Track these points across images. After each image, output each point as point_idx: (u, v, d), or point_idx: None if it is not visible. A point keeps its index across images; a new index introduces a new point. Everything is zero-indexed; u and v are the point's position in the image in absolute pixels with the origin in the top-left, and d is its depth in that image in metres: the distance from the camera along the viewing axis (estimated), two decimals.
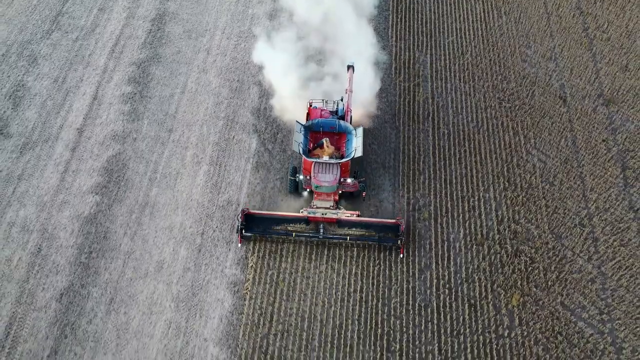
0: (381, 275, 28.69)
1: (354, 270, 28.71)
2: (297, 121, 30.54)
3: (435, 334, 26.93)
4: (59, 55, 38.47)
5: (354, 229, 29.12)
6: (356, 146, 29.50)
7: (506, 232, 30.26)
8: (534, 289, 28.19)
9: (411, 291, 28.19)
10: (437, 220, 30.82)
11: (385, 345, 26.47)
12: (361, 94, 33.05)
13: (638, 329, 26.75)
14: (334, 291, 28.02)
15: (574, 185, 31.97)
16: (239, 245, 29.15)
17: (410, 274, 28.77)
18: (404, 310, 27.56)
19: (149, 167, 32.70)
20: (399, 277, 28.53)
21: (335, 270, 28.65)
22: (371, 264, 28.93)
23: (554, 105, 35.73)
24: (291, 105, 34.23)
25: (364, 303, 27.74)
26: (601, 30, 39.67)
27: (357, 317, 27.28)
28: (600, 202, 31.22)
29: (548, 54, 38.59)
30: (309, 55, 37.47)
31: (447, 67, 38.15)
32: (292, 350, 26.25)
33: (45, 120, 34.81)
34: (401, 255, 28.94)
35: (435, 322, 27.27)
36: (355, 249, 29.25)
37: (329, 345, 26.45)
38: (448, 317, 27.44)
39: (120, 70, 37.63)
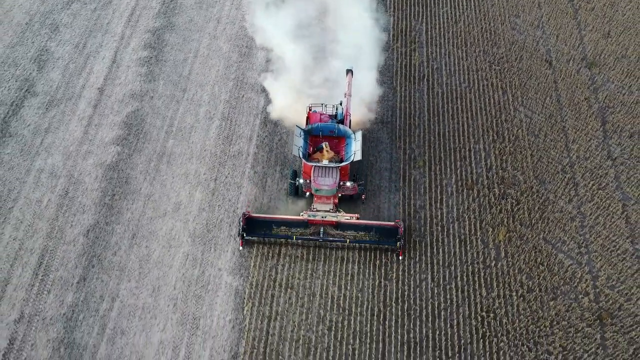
0: (380, 216, 31.40)
1: None
2: (297, 125, 31.19)
3: (429, 265, 29.63)
4: (79, 23, 41.23)
5: (353, 232, 29.80)
6: (355, 150, 29.86)
7: (494, 178, 32.98)
8: (519, 226, 30.89)
9: (407, 229, 30.86)
10: (431, 168, 33.52)
11: (383, 274, 29.17)
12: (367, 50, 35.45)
13: (613, 259, 29.46)
14: None
15: (557, 138, 34.70)
16: (241, 247, 29.74)
17: (406, 213, 31.48)
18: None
19: (165, 122, 35.43)
20: (396, 216, 31.21)
21: None
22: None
23: (540, 68, 38.47)
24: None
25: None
26: (586, 1, 42.39)
27: (357, 250, 29.97)
28: (581, 152, 33.93)
29: (536, 23, 41.35)
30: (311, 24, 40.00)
31: (442, 34, 40.90)
32: (299, 278, 28.94)
33: (68, 81, 37.56)
34: (400, 258, 29.59)
35: (428, 254, 29.98)
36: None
37: (332, 274, 29.13)
38: (440, 250, 30.14)
39: (136, 37, 40.39)
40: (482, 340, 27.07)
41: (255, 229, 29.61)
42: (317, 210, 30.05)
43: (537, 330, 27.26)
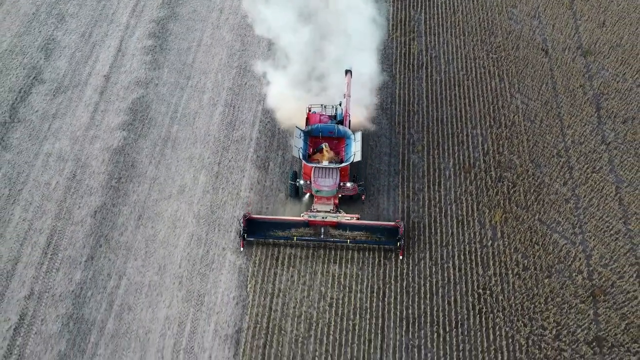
0: (379, 198, 32.25)
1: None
2: (296, 126, 31.13)
3: (427, 244, 30.46)
4: (85, 13, 42.08)
5: (354, 232, 29.89)
6: (355, 150, 29.91)
7: (491, 161, 33.80)
8: (515, 208, 31.72)
9: (406, 210, 31.71)
10: (430, 153, 34.35)
11: (382, 253, 29.98)
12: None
13: (606, 239, 30.29)
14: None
15: (552, 123, 35.52)
16: (242, 249, 29.88)
17: (405, 195, 32.31)
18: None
19: (170, 108, 36.27)
20: (395, 198, 32.07)
21: None
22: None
23: (537, 57, 39.32)
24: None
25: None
26: None
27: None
28: (576, 137, 34.75)
29: (532, 13, 42.19)
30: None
31: (440, 24, 41.74)
32: (301, 257, 29.77)
33: (74, 68, 38.41)
34: (400, 257, 29.75)
35: (426, 234, 30.81)
36: None
37: (333, 253, 29.96)
38: (438, 230, 30.96)
39: (141, 27, 41.24)
40: (478, 316, 27.89)
41: (256, 230, 29.78)
42: (318, 211, 30.20)
43: (532, 307, 28.08)
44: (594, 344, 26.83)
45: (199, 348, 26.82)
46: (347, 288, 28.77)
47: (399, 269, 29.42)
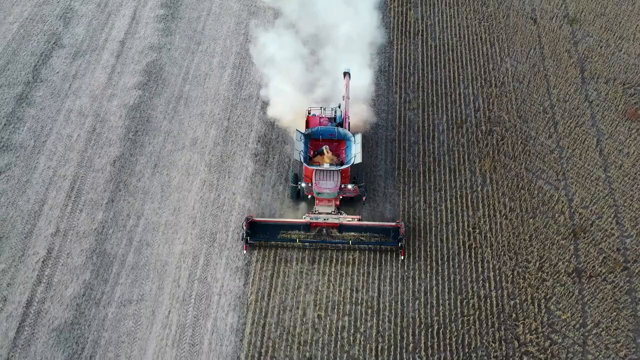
0: (377, 150, 34.73)
1: None
2: (297, 130, 31.36)
3: (421, 190, 32.94)
4: None
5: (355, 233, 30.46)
6: (355, 153, 30.18)
7: (481, 117, 36.31)
8: (503, 158, 34.22)
9: (402, 160, 34.21)
10: (424, 110, 36.85)
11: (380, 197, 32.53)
12: None
13: (587, 184, 32.77)
14: None
15: (539, 84, 38.03)
16: (244, 252, 30.26)
17: (401, 147, 34.81)
18: (395, 174, 33.59)
19: (182, 70, 38.77)
20: (392, 150, 34.57)
21: None
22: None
23: (526, 24, 41.85)
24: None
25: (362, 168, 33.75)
26: None
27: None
28: (561, 96, 37.26)
29: None
30: None
31: None
32: (304, 201, 32.26)
33: (92, 35, 40.95)
34: (402, 257, 30.28)
35: (421, 181, 33.29)
36: None
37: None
38: (432, 178, 33.45)
39: None
40: (468, 251, 30.36)
41: (258, 233, 30.24)
42: (319, 213, 30.78)
43: (517, 243, 30.57)
44: (574, 274, 29.31)
45: (212, 278, 29.30)
46: None
47: (395, 211, 31.90)
